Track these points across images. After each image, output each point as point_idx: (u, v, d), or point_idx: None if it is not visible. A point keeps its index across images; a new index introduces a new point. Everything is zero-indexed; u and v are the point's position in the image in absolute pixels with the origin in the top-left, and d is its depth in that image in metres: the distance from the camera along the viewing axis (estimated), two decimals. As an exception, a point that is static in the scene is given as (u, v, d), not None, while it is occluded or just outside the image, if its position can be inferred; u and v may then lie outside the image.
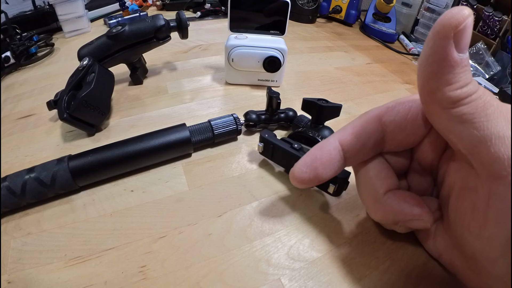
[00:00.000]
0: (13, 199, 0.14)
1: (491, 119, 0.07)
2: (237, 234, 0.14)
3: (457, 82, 0.07)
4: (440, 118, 0.08)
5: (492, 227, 0.08)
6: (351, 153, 0.10)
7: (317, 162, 0.10)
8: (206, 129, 0.17)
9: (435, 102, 0.08)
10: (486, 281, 0.10)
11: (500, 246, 0.08)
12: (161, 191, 0.16)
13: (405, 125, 0.09)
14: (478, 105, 0.07)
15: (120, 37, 0.21)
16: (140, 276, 0.12)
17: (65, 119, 0.18)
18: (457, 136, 0.08)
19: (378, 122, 0.10)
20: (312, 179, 0.10)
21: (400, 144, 0.10)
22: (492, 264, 0.09)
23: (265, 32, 0.24)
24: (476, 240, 0.09)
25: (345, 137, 0.10)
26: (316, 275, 0.12)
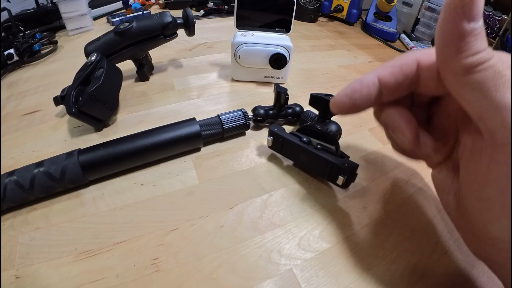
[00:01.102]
0: (21, 194, 0.14)
1: (500, 89, 0.08)
2: (248, 226, 0.14)
3: (468, 51, 0.08)
4: (452, 84, 0.09)
5: (490, 190, 0.09)
6: (387, 90, 0.10)
7: (356, 94, 0.11)
8: (216, 123, 0.18)
9: (448, 69, 0.08)
10: (483, 246, 0.10)
11: (496, 210, 0.09)
12: (171, 185, 0.16)
13: (438, 74, 0.10)
14: (488, 74, 0.08)
15: (127, 33, 0.21)
16: (152, 269, 0.12)
17: (73, 114, 0.18)
18: (467, 102, 0.09)
19: (415, 66, 0.10)
20: (350, 108, 0.11)
21: (431, 90, 0.10)
22: (488, 227, 0.09)
23: (271, 30, 0.24)
24: (475, 201, 0.10)
25: (384, 75, 0.10)
26: (326, 265, 0.13)
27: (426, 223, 0.15)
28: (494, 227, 0.09)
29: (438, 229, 0.14)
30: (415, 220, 0.15)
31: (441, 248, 0.14)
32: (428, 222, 0.15)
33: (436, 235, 0.14)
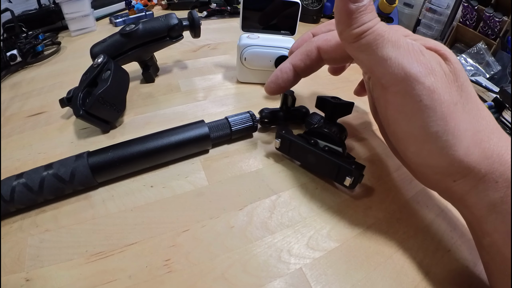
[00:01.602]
0: (30, 196, 0.14)
1: (380, 46, 0.10)
2: (258, 226, 0.14)
3: (354, 24, 0.10)
4: (348, 50, 0.11)
5: (392, 125, 0.12)
6: (300, 71, 0.15)
7: (279, 79, 0.15)
8: (224, 125, 0.18)
9: (343, 39, 0.11)
10: (416, 174, 0.13)
11: (401, 140, 0.12)
12: (181, 186, 0.16)
13: (335, 55, 0.14)
14: (371, 38, 0.10)
15: (134, 35, 0.21)
16: (165, 270, 0.12)
17: (81, 116, 0.18)
18: (360, 62, 0.11)
19: (316, 51, 0.14)
20: (278, 90, 0.16)
21: (335, 63, 0.15)
22: (405, 156, 0.12)
23: (276, 32, 0.24)
24: (391, 137, 0.13)
25: (295, 61, 0.15)
26: (334, 263, 0.13)
27: (429, 222, 0.15)
28: (408, 154, 0.12)
29: (441, 228, 0.15)
30: (419, 219, 0.15)
31: (444, 247, 0.14)
32: (431, 221, 0.15)
33: (439, 234, 0.15)
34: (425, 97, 0.10)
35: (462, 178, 0.10)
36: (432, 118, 0.10)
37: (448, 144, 0.10)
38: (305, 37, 0.17)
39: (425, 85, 0.10)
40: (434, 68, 0.10)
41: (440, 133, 0.10)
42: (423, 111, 0.10)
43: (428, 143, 0.10)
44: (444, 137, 0.10)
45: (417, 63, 0.10)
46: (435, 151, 0.10)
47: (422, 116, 0.10)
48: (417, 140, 0.11)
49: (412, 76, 0.10)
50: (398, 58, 0.10)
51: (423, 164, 0.11)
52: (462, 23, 0.39)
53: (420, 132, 0.10)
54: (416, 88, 0.10)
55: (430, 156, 0.11)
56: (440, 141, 0.10)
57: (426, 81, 0.10)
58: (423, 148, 0.11)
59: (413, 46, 0.10)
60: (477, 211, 0.11)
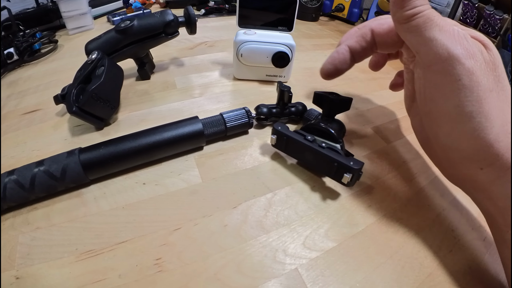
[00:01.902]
0: (22, 193, 0.14)
1: (428, 28, 0.11)
2: (253, 225, 0.14)
3: (408, 6, 0.11)
4: (399, 30, 0.12)
5: (428, 103, 0.12)
6: (356, 53, 0.15)
7: (336, 60, 0.15)
8: (219, 122, 0.17)
9: (396, 20, 0.12)
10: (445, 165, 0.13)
11: (435, 119, 0.12)
12: (174, 184, 0.16)
13: (387, 38, 0.14)
14: (421, 20, 0.11)
15: (129, 31, 0.21)
16: (155, 269, 0.12)
17: (74, 113, 0.17)
18: (409, 42, 0.12)
19: (370, 33, 0.14)
20: (334, 72, 0.15)
21: (387, 48, 0.15)
22: (436, 139, 0.12)
23: (273, 28, 0.24)
24: (425, 117, 0.13)
25: (351, 43, 0.15)
26: (332, 264, 0.13)
27: (431, 221, 0.15)
28: (440, 136, 0.12)
29: (443, 228, 0.14)
30: (421, 218, 0.15)
31: (447, 246, 0.14)
32: (433, 221, 0.15)
33: (441, 233, 0.14)
34: (464, 77, 0.10)
35: (489, 166, 0.10)
36: (468, 98, 0.10)
37: (481, 126, 0.10)
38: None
39: (465, 66, 0.10)
40: (475, 53, 0.10)
41: (474, 113, 0.10)
42: (460, 90, 0.10)
43: (462, 123, 0.11)
44: (477, 118, 0.10)
45: (460, 46, 0.10)
46: (467, 132, 0.11)
47: (459, 94, 0.10)
48: (451, 119, 0.11)
49: (454, 57, 0.10)
50: (443, 40, 0.10)
51: (452, 147, 0.11)
52: (463, 21, 0.38)
53: (455, 111, 0.11)
54: (456, 68, 0.10)
55: (461, 137, 0.11)
56: (473, 122, 0.10)
57: (466, 62, 0.10)
58: (456, 128, 0.11)
59: (458, 32, 0.11)
60: (501, 202, 0.10)
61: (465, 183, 0.13)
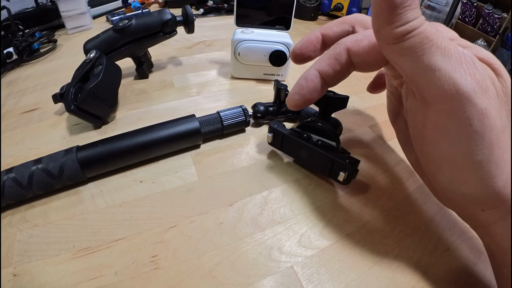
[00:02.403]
0: (20, 191, 0.14)
1: (427, 53, 0.08)
2: (248, 223, 0.14)
3: (398, 21, 0.08)
4: (386, 52, 0.09)
5: (427, 145, 0.10)
6: (328, 78, 0.12)
7: (304, 90, 0.12)
8: (215, 120, 0.18)
9: (381, 38, 0.09)
10: (440, 196, 0.12)
11: (435, 163, 0.10)
12: (171, 182, 0.16)
13: (368, 58, 0.11)
14: (416, 41, 0.08)
15: (127, 30, 0.21)
16: (151, 266, 0.12)
17: (72, 111, 0.18)
18: (400, 67, 0.09)
19: (346, 54, 0.11)
20: (303, 103, 0.12)
21: (367, 69, 0.12)
22: (434, 178, 0.11)
23: (271, 27, 0.24)
24: (421, 156, 0.11)
25: (322, 67, 0.12)
26: (327, 262, 0.13)
27: (428, 220, 0.15)
28: (439, 178, 0.10)
29: (440, 226, 0.14)
30: (417, 217, 0.15)
31: (443, 245, 0.13)
32: (429, 219, 0.15)
33: (438, 232, 0.14)
34: (476, 121, 0.08)
35: (492, 208, 0.09)
36: (479, 146, 0.08)
37: (490, 175, 0.09)
38: (312, 37, 0.14)
39: (478, 107, 0.08)
40: (488, 86, 0.08)
41: (484, 162, 0.09)
42: (470, 137, 0.08)
43: (468, 171, 0.09)
44: (487, 167, 0.09)
45: (470, 78, 0.08)
46: (473, 181, 0.09)
47: (469, 142, 0.08)
48: (456, 166, 0.09)
49: (465, 95, 0.08)
50: (449, 70, 0.08)
51: (454, 191, 0.10)
52: (461, 20, 0.38)
53: (461, 159, 0.09)
54: (467, 110, 0.08)
55: (465, 184, 0.09)
56: (481, 171, 0.09)
57: (479, 102, 0.08)
58: (460, 175, 0.09)
59: (465, 56, 0.08)
60: (502, 242, 0.10)
61: (464, 218, 0.12)
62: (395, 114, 0.14)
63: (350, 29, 0.14)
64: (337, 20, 0.14)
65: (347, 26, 0.14)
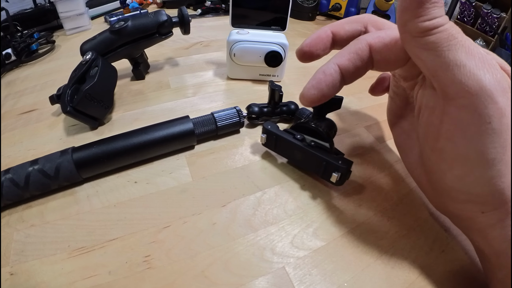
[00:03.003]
0: (17, 191, 0.14)
1: (452, 49, 0.09)
2: (241, 224, 0.14)
3: (426, 15, 0.09)
4: (410, 45, 0.10)
5: (442, 141, 0.10)
6: (348, 74, 0.12)
7: (322, 84, 0.12)
8: (209, 121, 0.18)
9: (407, 31, 0.09)
10: (440, 198, 0.12)
11: (448, 159, 0.10)
12: (165, 182, 0.16)
13: (389, 55, 0.11)
14: (442, 36, 0.09)
15: (123, 32, 0.21)
16: (144, 266, 0.12)
17: (68, 112, 0.18)
18: (423, 61, 0.09)
19: (368, 49, 0.11)
20: (320, 98, 0.12)
21: (385, 68, 0.12)
22: (442, 177, 0.11)
23: (267, 28, 0.24)
24: (432, 153, 0.11)
25: (342, 62, 0.12)
26: (320, 263, 0.13)
27: (423, 221, 0.15)
28: (448, 176, 0.10)
29: (435, 228, 0.14)
30: (412, 218, 0.15)
31: (439, 246, 0.13)
32: (425, 221, 0.15)
33: (433, 233, 0.14)
34: (495, 119, 0.08)
35: (493, 210, 0.09)
36: (495, 144, 0.09)
37: (499, 174, 0.09)
38: (322, 35, 0.14)
39: (498, 105, 0.08)
40: (506, 87, 0.09)
41: (497, 161, 0.09)
42: (489, 134, 0.09)
43: (480, 169, 0.09)
44: (498, 166, 0.09)
45: (493, 78, 0.08)
46: (483, 179, 0.09)
47: (486, 139, 0.09)
48: (469, 163, 0.09)
49: (487, 92, 0.08)
50: (473, 67, 0.08)
51: (461, 190, 0.10)
52: (460, 20, 0.38)
53: (476, 156, 0.09)
54: (488, 107, 0.08)
55: (475, 183, 0.09)
56: (493, 170, 0.09)
57: (499, 100, 0.08)
58: (472, 173, 0.09)
59: (487, 58, 0.09)
60: (498, 244, 0.10)
61: (460, 221, 0.12)
62: (396, 116, 0.14)
63: (363, 29, 0.14)
64: (349, 19, 0.14)
65: (360, 26, 0.14)
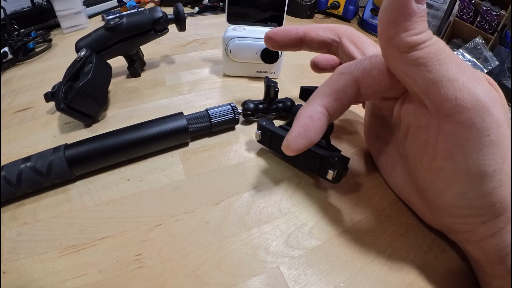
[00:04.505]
0: (9, 189, 0.14)
1: (443, 63, 0.08)
2: (234, 222, 0.14)
3: (414, 29, 0.08)
4: (397, 62, 0.09)
5: (440, 160, 0.10)
6: (335, 115, 0.11)
7: (310, 131, 0.11)
8: (204, 118, 0.17)
9: (393, 46, 0.09)
10: (436, 215, 0.11)
11: (447, 178, 0.10)
12: (158, 180, 0.16)
13: (378, 88, 0.11)
14: (431, 50, 0.08)
15: (118, 29, 0.21)
16: (135, 265, 0.12)
17: (62, 109, 0.18)
18: (412, 78, 0.09)
19: (356, 86, 0.11)
20: (308, 147, 0.11)
21: (371, 98, 0.11)
22: (440, 195, 0.10)
23: (263, 24, 0.24)
24: (427, 173, 0.10)
25: (329, 103, 0.11)
26: (315, 263, 0.12)
27: (421, 220, 0.14)
28: (447, 194, 0.10)
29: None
30: (411, 217, 0.14)
31: (438, 245, 0.13)
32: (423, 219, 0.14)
33: (432, 232, 0.14)
34: (494, 131, 0.08)
35: (494, 219, 0.09)
36: (494, 156, 0.08)
37: (500, 184, 0.09)
38: (292, 31, 0.14)
39: (494, 117, 0.08)
40: (496, 97, 0.08)
41: (497, 172, 0.08)
42: (488, 147, 0.08)
43: (481, 183, 0.09)
44: (498, 176, 0.09)
45: (485, 91, 0.08)
46: (484, 192, 0.09)
47: (485, 152, 0.08)
48: (470, 179, 0.09)
49: (484, 105, 0.08)
50: (466, 81, 0.08)
51: (462, 206, 0.10)
52: (459, 17, 0.37)
53: (477, 171, 0.09)
54: (486, 120, 0.08)
55: (476, 197, 0.09)
56: (494, 181, 0.09)
57: (495, 112, 0.08)
58: (473, 189, 0.09)
59: (475, 71, 0.09)
60: (494, 254, 0.09)
61: (456, 234, 0.11)
62: (374, 135, 0.14)
63: (336, 39, 0.14)
64: (325, 25, 0.14)
65: (334, 35, 0.14)
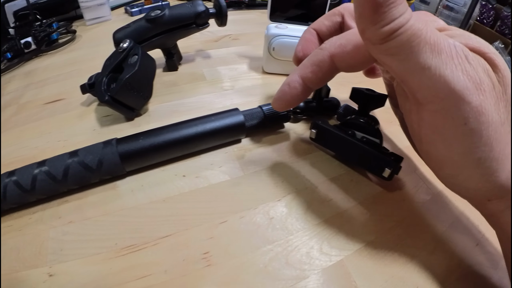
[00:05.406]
0: (53, 185, 0.13)
1: (415, 51, 0.08)
2: (298, 218, 0.14)
3: (383, 20, 0.08)
4: (373, 53, 0.09)
5: (425, 144, 0.10)
6: (312, 84, 0.12)
7: (287, 96, 0.12)
8: (258, 114, 0.17)
9: (366, 39, 0.09)
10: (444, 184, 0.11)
11: (436, 161, 0.10)
12: (215, 176, 0.15)
13: (353, 62, 0.11)
14: (403, 38, 0.08)
15: (159, 21, 0.20)
16: (203, 263, 0.12)
17: (106, 102, 0.17)
18: (389, 68, 0.09)
19: (330, 61, 0.11)
20: (286, 107, 0.13)
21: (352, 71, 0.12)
22: (436, 173, 0.11)
23: (304, 23, 0.24)
24: (421, 153, 0.11)
25: (306, 74, 0.12)
26: (374, 255, 0.12)
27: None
28: (441, 174, 0.10)
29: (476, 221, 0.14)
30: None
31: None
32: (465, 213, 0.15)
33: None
34: (472, 119, 0.08)
35: (498, 199, 0.09)
36: (476, 144, 0.08)
37: (491, 171, 0.09)
38: (308, 36, 0.15)
39: (472, 105, 0.08)
40: (482, 80, 0.08)
41: (483, 159, 0.08)
42: (467, 136, 0.08)
43: (468, 169, 0.09)
44: (487, 164, 0.08)
45: (463, 75, 0.08)
46: (474, 177, 0.09)
47: (466, 141, 0.08)
48: (455, 165, 0.09)
49: (458, 94, 0.08)
50: (440, 67, 0.08)
51: (458, 185, 0.10)
52: (479, 21, 0.38)
53: (460, 158, 0.09)
54: (461, 109, 0.08)
55: (468, 180, 0.09)
56: (482, 168, 0.08)
57: (473, 100, 0.08)
58: (462, 173, 0.09)
59: (456, 49, 0.08)
60: (509, 229, 0.10)
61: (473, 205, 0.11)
62: (395, 104, 0.14)
63: (340, 20, 0.14)
64: (326, 14, 0.15)
65: (337, 17, 0.14)
